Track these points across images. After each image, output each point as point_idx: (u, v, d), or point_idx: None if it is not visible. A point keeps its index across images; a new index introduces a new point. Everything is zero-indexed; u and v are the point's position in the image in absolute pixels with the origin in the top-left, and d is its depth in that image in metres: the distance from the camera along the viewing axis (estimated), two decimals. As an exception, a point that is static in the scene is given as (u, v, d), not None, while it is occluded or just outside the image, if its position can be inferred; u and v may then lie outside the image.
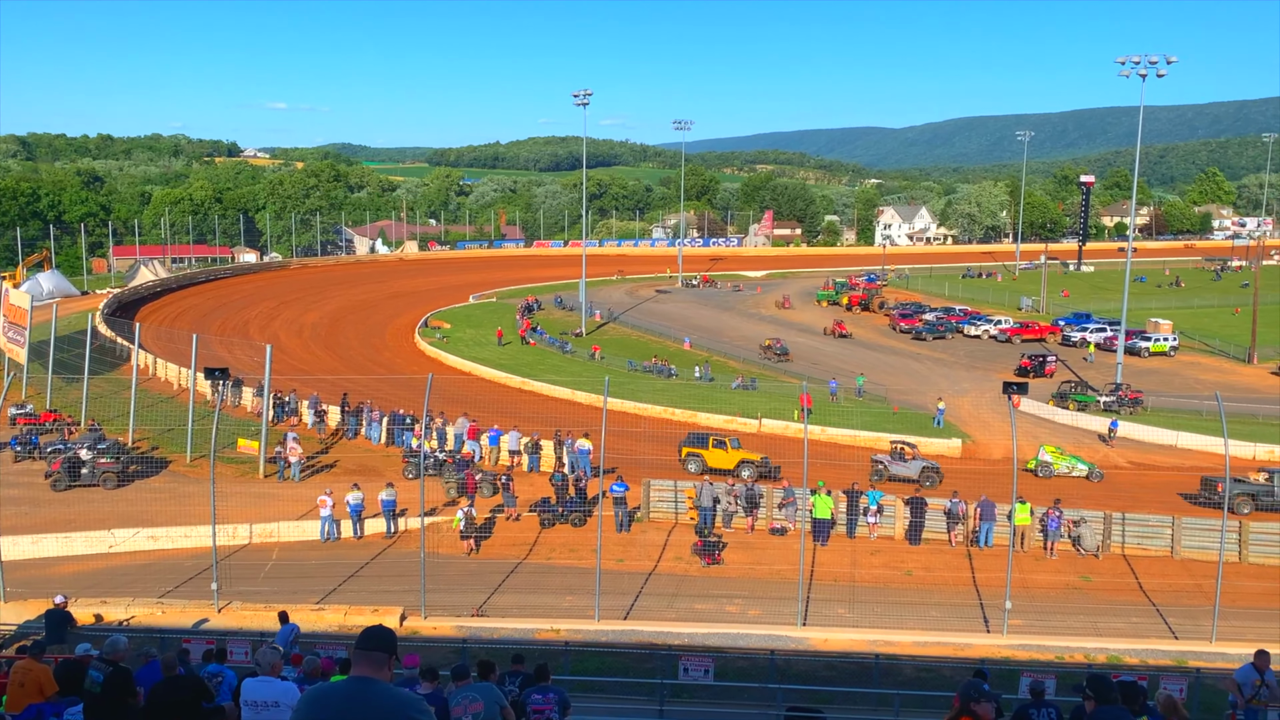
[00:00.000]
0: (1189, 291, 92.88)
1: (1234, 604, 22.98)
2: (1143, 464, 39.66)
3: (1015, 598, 21.89)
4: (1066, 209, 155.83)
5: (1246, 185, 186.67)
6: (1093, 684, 6.92)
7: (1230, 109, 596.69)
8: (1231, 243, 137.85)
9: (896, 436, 38.85)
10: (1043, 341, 66.87)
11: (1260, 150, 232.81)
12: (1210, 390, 44.76)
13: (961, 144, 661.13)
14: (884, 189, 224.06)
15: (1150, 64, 50.66)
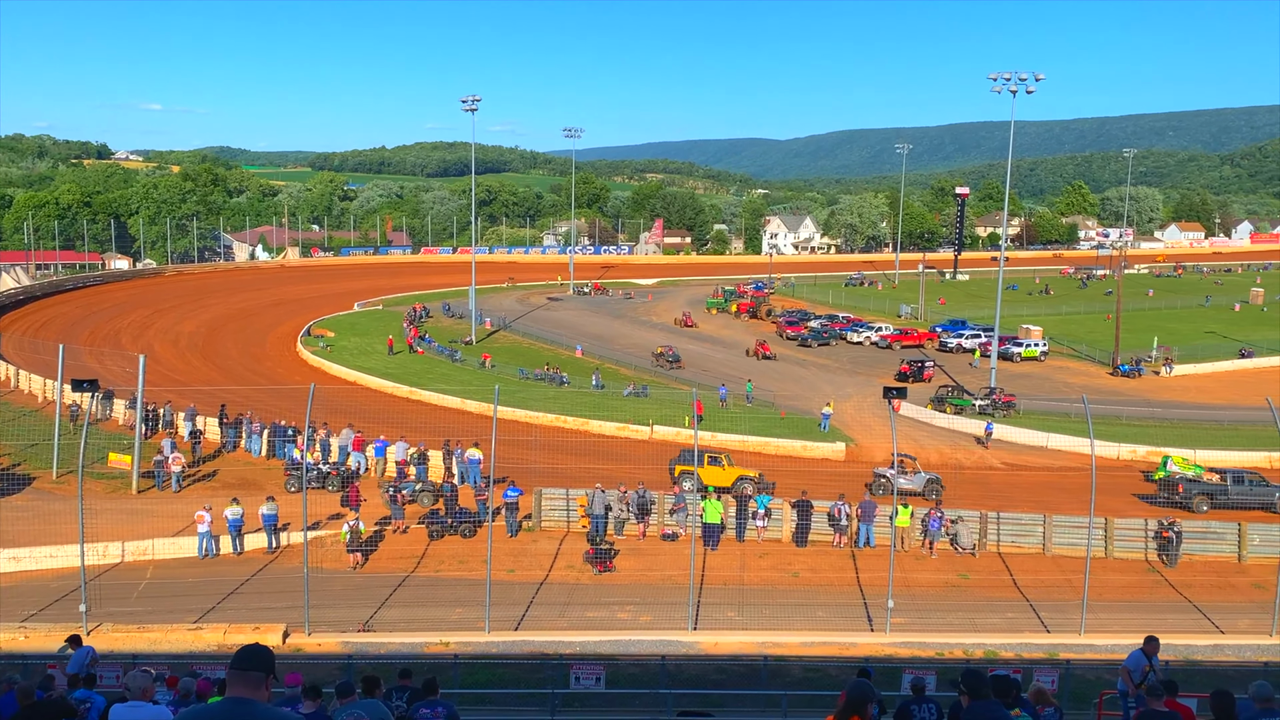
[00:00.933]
0: (1057, 299, 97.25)
1: (1101, 597, 24.13)
2: (1015, 464, 41.29)
3: (897, 596, 22.53)
4: (943, 219, 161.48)
5: (1109, 198, 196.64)
6: (967, 679, 7.17)
7: (1094, 125, 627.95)
8: (1096, 252, 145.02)
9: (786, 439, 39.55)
10: (921, 348, 69.10)
11: (1121, 164, 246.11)
12: (1078, 393, 47.01)
13: (844, 156, 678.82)
14: (770, 199, 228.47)
15: (1020, 80, 52.93)
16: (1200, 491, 33.85)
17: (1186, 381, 60.74)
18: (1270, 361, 65.33)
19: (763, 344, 63.97)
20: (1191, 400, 55.07)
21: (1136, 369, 61.38)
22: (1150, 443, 43.37)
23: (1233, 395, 55.67)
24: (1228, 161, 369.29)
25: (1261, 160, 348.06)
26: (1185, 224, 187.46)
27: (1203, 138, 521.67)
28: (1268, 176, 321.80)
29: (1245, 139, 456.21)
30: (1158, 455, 42.03)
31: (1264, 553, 27.65)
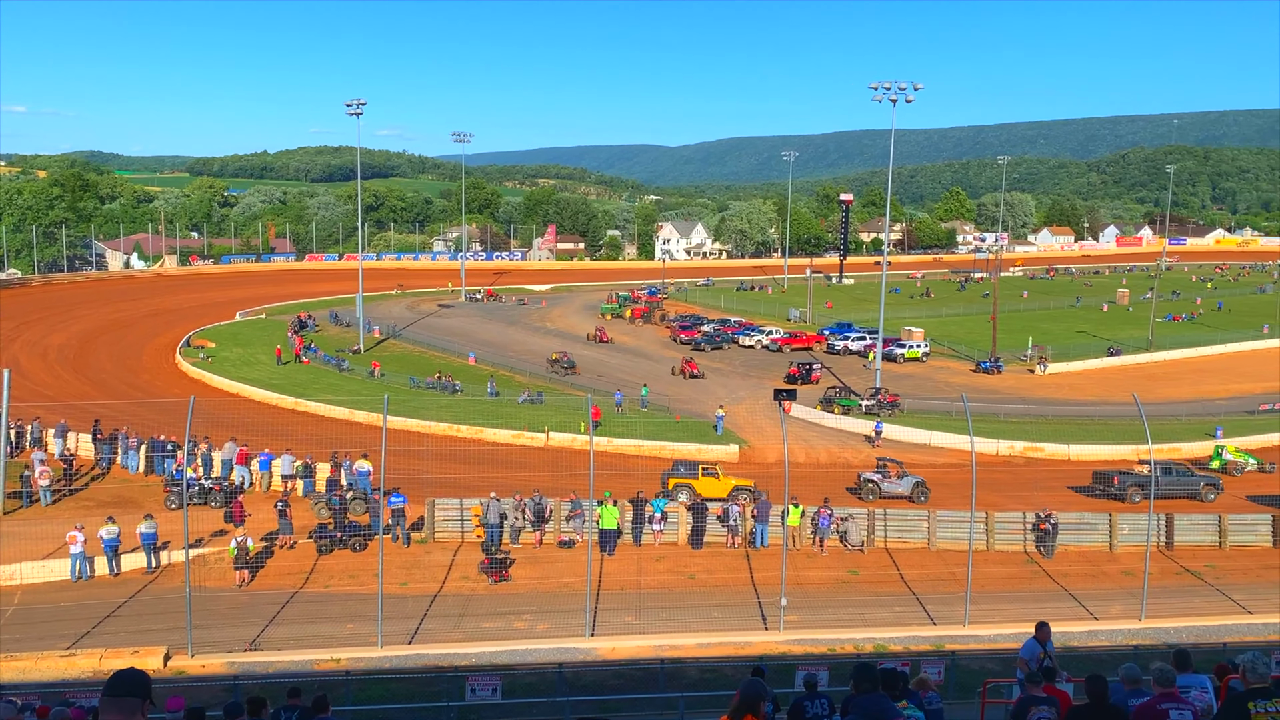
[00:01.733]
0: (938, 301, 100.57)
1: (983, 589, 25.00)
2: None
3: (790, 594, 22.92)
4: (829, 225, 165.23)
5: (985, 203, 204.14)
6: (856, 674, 7.35)
7: (970, 133, 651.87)
8: (974, 256, 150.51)
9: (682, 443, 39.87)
10: (810, 350, 70.60)
11: (996, 171, 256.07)
12: (958, 392, 48.69)
13: (733, 163, 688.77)
14: (662, 205, 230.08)
15: (900, 90, 54.60)
16: (1133, 483, 35.44)
17: (1060, 379, 63.54)
18: (1136, 359, 68.90)
19: (690, 362, 61.54)
20: (1065, 397, 57.64)
21: (996, 365, 64.01)
22: (1027, 439, 45.25)
23: (1102, 391, 58.51)
24: (1094, 168, 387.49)
25: (1125, 167, 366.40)
26: (1056, 228, 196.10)
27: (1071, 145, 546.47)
28: (1131, 183, 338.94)
29: (1110, 147, 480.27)
30: (1035, 450, 43.96)
31: (1133, 541, 29.10)
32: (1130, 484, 35.51)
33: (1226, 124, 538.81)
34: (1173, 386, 60.41)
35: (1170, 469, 36.65)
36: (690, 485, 33.09)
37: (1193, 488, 36.26)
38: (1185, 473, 37.05)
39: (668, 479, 33.65)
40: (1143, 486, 35.14)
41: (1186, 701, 7.87)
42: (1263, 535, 30.81)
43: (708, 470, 33.93)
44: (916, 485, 34.98)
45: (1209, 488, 36.35)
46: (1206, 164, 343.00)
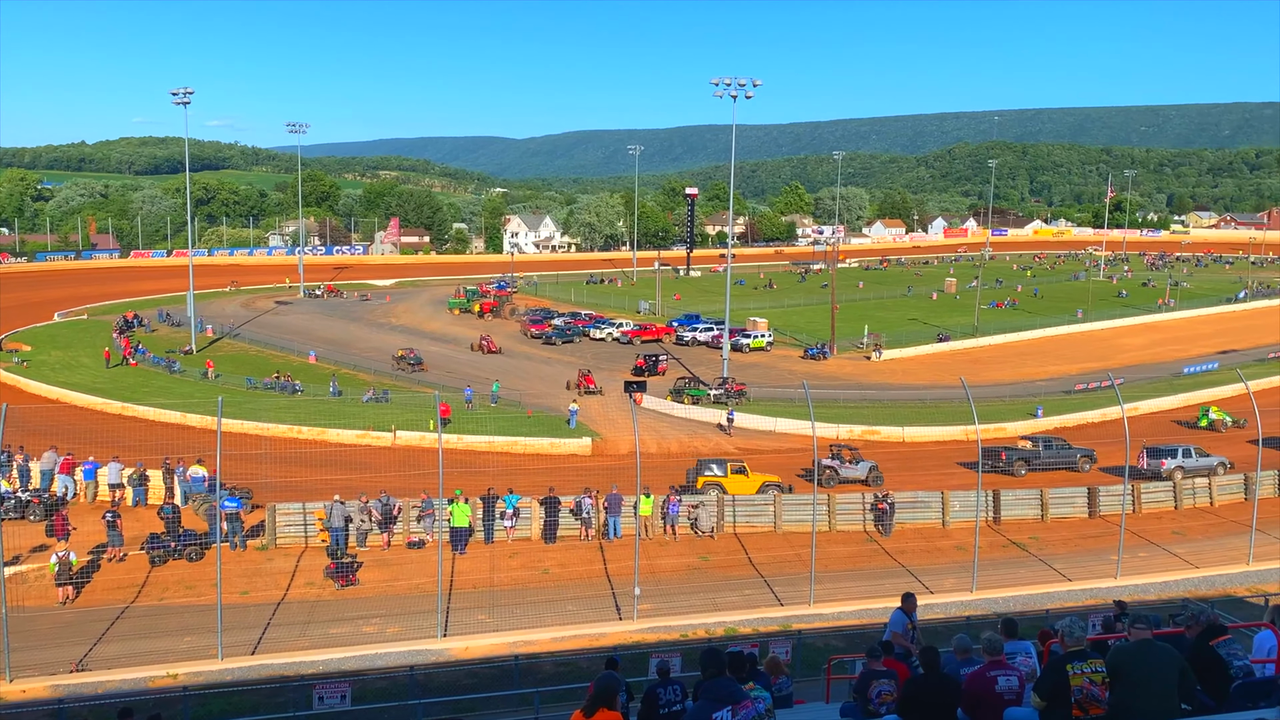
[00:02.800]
0: (780, 293, 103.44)
1: (827, 569, 25.96)
2: (749, 449, 43.52)
3: (643, 583, 23.19)
4: (675, 218, 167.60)
5: (822, 197, 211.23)
6: (702, 660, 7.49)
7: (808, 129, 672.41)
8: (813, 248, 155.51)
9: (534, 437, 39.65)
10: (660, 342, 71.48)
11: (832, 166, 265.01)
12: (801, 379, 50.22)
13: (580, 156, 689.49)
14: (510, 198, 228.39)
15: (740, 86, 55.76)
16: (1018, 458, 37.97)
17: (894, 365, 66.41)
18: (964, 344, 72.66)
19: (488, 340, 62.16)
20: (899, 382, 60.29)
21: (822, 351, 66.58)
22: (865, 422, 47.10)
23: (934, 376, 61.47)
24: (923, 163, 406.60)
25: (951, 162, 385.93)
26: (889, 221, 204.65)
27: (901, 141, 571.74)
28: (956, 177, 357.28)
29: (937, 143, 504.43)
30: (872, 434, 45.78)
31: (964, 517, 30.71)
32: (1016, 459, 38.07)
33: (1042, 121, 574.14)
34: (997, 369, 64.02)
35: (1050, 443, 39.57)
36: (720, 484, 32.91)
37: (1070, 460, 38.93)
38: (1064, 446, 39.79)
39: (696, 478, 33.42)
40: (1027, 460, 37.94)
41: (1013, 667, 8.37)
42: (1079, 507, 33.02)
43: (737, 468, 33.91)
44: (871, 470, 36.27)
45: (1084, 459, 39.02)
46: (1025, 159, 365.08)
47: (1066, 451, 39.29)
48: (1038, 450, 38.97)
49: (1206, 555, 28.10)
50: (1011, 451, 38.87)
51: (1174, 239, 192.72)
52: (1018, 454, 38.66)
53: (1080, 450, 39.52)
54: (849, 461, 36.38)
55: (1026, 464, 37.97)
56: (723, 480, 33.14)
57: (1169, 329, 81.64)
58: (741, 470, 33.81)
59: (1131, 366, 63.42)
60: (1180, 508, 33.73)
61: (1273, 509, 31.73)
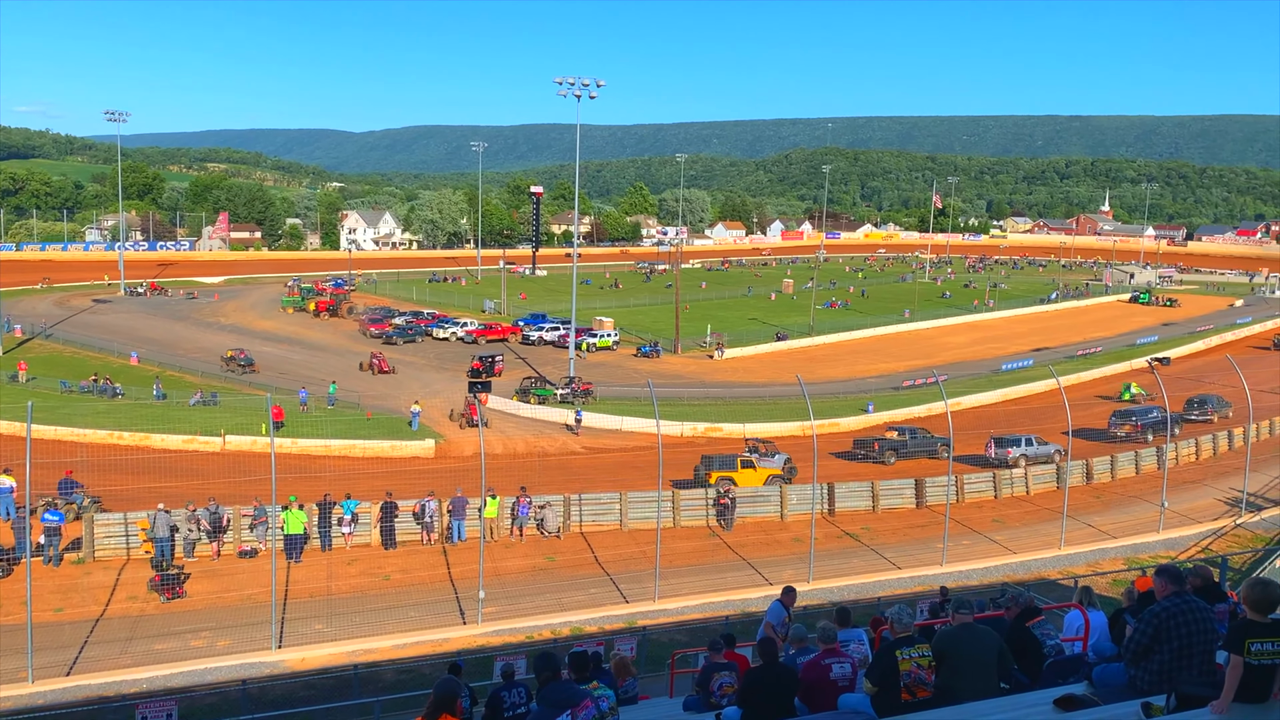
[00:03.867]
0: (626, 292, 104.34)
1: (672, 564, 26.30)
2: (595, 448, 43.71)
3: (488, 586, 22.94)
4: (521, 217, 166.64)
5: (666, 199, 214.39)
6: (538, 662, 7.44)
7: (651, 131, 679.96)
8: (657, 249, 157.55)
9: (374, 440, 38.62)
10: (505, 341, 70.87)
11: (675, 168, 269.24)
12: (646, 378, 50.78)
13: (421, 151, 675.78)
14: (347, 193, 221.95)
15: (584, 86, 55.89)
16: (889, 447, 40.79)
17: (736, 363, 67.91)
18: (801, 343, 75.01)
19: (379, 358, 57.60)
20: (740, 380, 61.70)
21: (654, 350, 67.68)
22: (708, 420, 47.98)
23: (773, 374, 63.16)
24: (762, 167, 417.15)
25: (788, 167, 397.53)
26: (730, 223, 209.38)
27: (741, 145, 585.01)
28: (793, 181, 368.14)
29: (774, 147, 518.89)
30: (715, 430, 46.68)
31: (800, 510, 31.71)
32: (887, 448, 40.87)
33: (873, 129, 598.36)
34: (832, 367, 66.39)
35: (915, 433, 42.37)
36: (731, 478, 34.24)
37: (931, 448, 41.45)
38: (927, 436, 42.51)
39: (707, 474, 34.67)
40: (896, 449, 40.77)
41: (846, 655, 8.65)
42: (908, 498, 34.63)
43: (745, 461, 35.36)
44: (786, 462, 37.02)
45: (943, 447, 40.89)
46: (857, 165, 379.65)
47: (928, 440, 41.97)
48: (905, 440, 41.54)
49: (1023, 541, 29.93)
50: (883, 442, 41.49)
51: (993, 243, 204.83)
52: (888, 444, 41.35)
53: (940, 439, 41.85)
54: (764, 454, 37.62)
55: (895, 453, 40.71)
56: (733, 474, 34.79)
57: (988, 328, 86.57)
58: (750, 464, 35.52)
59: (955, 364, 66.87)
60: (999, 497, 35.82)
61: (1080, 496, 34.14)
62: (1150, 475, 37.54)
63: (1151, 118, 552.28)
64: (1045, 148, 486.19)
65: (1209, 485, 36.13)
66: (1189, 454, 41.37)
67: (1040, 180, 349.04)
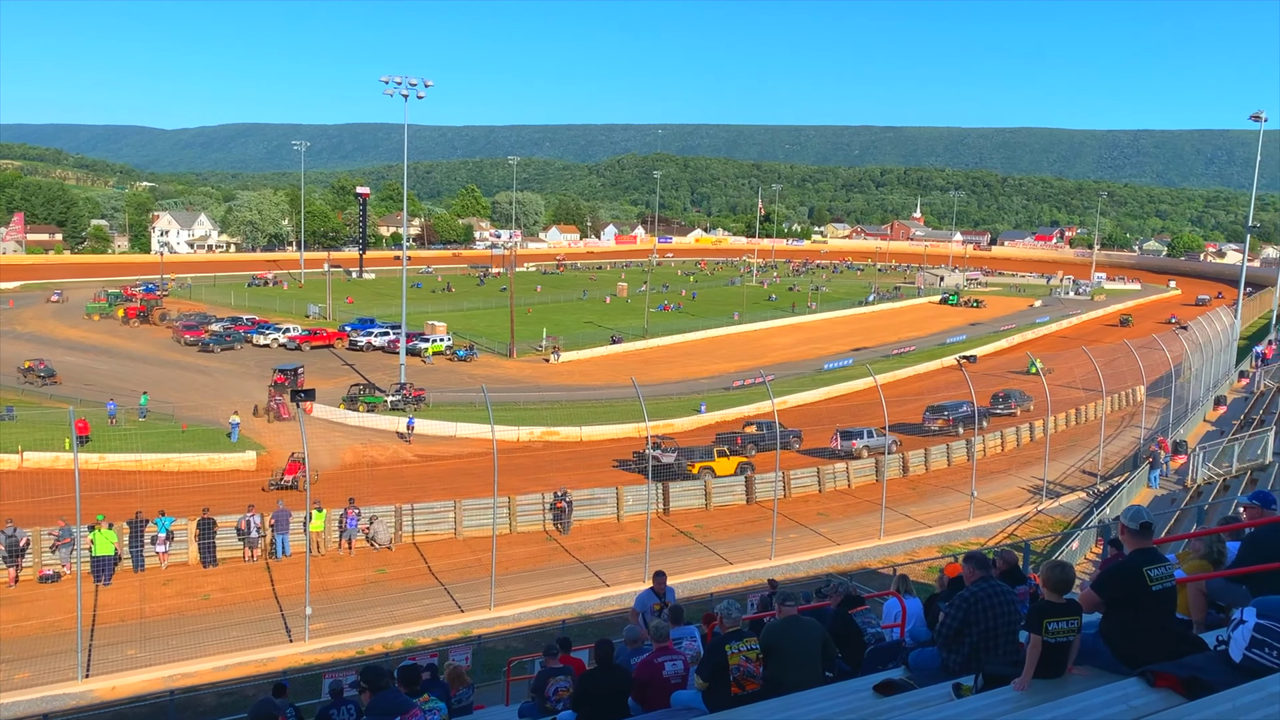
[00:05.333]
0: (458, 295, 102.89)
1: (508, 570, 26.08)
2: (428, 455, 42.86)
3: (316, 602, 22.15)
4: (346, 218, 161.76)
5: (499, 201, 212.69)
6: (364, 676, 7.25)
7: (483, 133, 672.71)
8: (490, 251, 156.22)
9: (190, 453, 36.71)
10: (332, 347, 68.68)
11: (508, 170, 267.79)
12: (480, 383, 50.15)
13: (239, 150, 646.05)
14: (158, 193, 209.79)
15: (411, 86, 54.78)
16: (749, 441, 41.94)
17: (572, 366, 68.04)
18: (636, 345, 75.85)
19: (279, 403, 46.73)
20: (577, 383, 61.83)
21: (471, 353, 67.12)
22: (544, 424, 47.87)
23: (608, 376, 63.60)
24: (594, 172, 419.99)
25: (620, 171, 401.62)
26: (564, 226, 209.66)
27: (574, 149, 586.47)
28: (626, 185, 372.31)
29: (607, 152, 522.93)
30: (552, 434, 46.65)
31: (636, 510, 32.05)
32: (748, 442, 41.96)
33: (701, 136, 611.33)
34: (666, 369, 67.43)
35: (771, 426, 42.48)
36: (711, 468, 37.03)
37: (785, 441, 42.25)
38: (781, 430, 42.75)
39: (687, 464, 37.58)
40: (756, 443, 41.79)
41: (679, 652, 8.79)
42: (739, 495, 35.54)
43: (721, 451, 38.18)
44: (679, 454, 38.72)
45: (794, 439, 43.56)
46: (686, 171, 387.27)
47: (783, 434, 43.02)
48: (762, 434, 42.61)
49: (846, 533, 31.21)
50: (745, 436, 42.73)
51: (815, 248, 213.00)
52: (749, 438, 42.54)
53: (791, 432, 43.71)
54: (667, 450, 38.88)
55: (755, 446, 41.76)
56: (712, 465, 37.56)
57: (812, 329, 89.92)
58: (725, 454, 38.40)
59: (781, 364, 69.08)
60: (824, 491, 37.23)
61: (898, 488, 35.91)
62: (961, 466, 39.84)
63: (958, 129, 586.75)
64: (862, 157, 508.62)
65: (1013, 474, 38.62)
66: (995, 446, 44.12)
67: (857, 188, 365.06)
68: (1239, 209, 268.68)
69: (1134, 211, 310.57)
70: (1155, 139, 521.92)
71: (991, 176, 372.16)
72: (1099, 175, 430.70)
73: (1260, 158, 60.16)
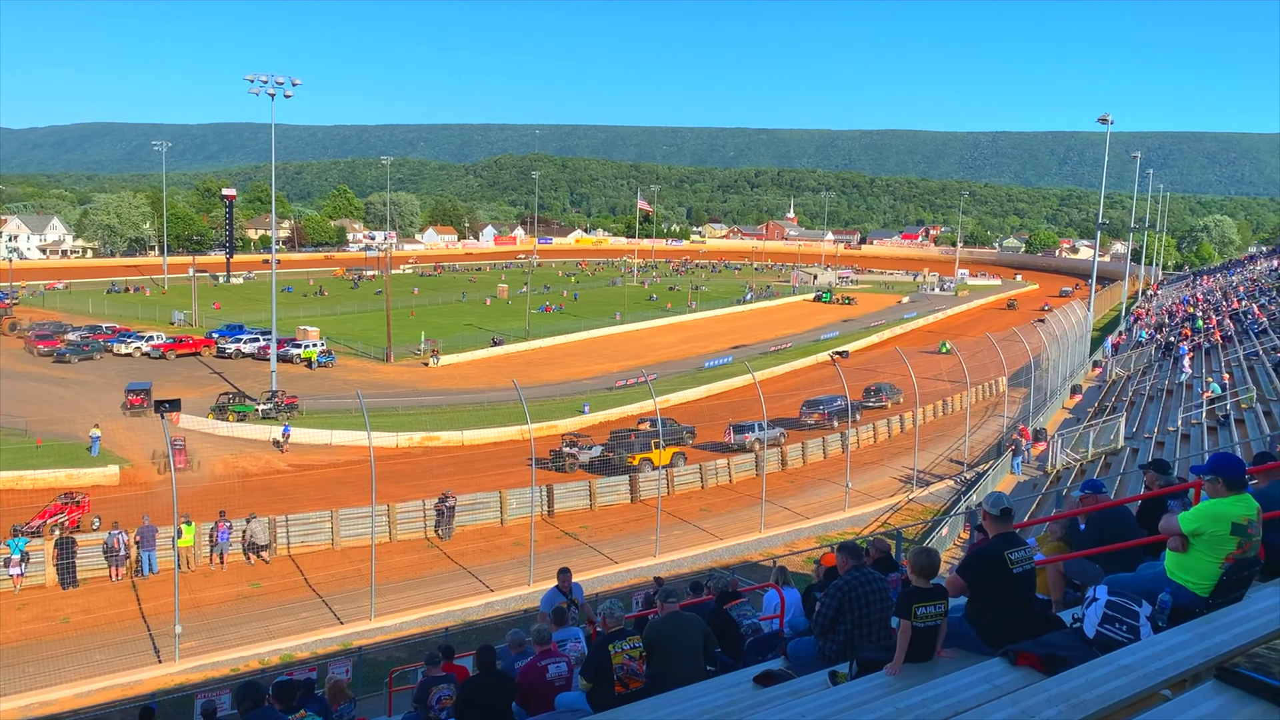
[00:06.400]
0: (332, 299, 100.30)
1: (389, 580, 25.60)
2: (302, 464, 41.66)
3: (187, 620, 21.31)
4: (212, 221, 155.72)
5: (373, 202, 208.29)
6: (236, 694, 7.02)
7: (355, 132, 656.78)
8: (365, 254, 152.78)
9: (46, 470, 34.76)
10: (199, 355, 66.09)
11: (381, 171, 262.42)
12: (356, 389, 49.01)
13: (95, 150, 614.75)
14: (6, 196, 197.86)
15: (278, 84, 53.04)
16: (648, 438, 40.83)
17: (452, 370, 67.12)
18: (517, 347, 75.36)
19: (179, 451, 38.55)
20: (457, 386, 61.04)
21: (329, 358, 65.29)
22: (424, 429, 47.15)
23: (490, 379, 63.00)
24: (472, 172, 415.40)
25: (498, 172, 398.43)
26: (441, 227, 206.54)
27: (450, 150, 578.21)
28: (504, 186, 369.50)
29: (484, 152, 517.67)
30: (432, 440, 45.98)
31: (520, 514, 31.87)
32: (649, 438, 41.37)
33: (579, 136, 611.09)
34: (548, 370, 67.20)
35: (666, 423, 42.96)
36: (650, 458, 37.42)
37: (679, 436, 43.32)
38: (675, 425, 44.25)
39: (628, 455, 37.92)
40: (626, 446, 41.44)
41: (563, 655, 8.79)
42: (623, 494, 35.72)
43: (658, 443, 37.58)
44: (603, 452, 38.88)
45: (688, 434, 43.87)
46: (565, 171, 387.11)
47: (676, 429, 43.64)
48: (657, 430, 42.35)
49: (727, 527, 31.71)
50: (639, 434, 42.34)
51: (694, 247, 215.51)
52: (644, 435, 42.12)
53: (685, 427, 44.14)
54: (583, 447, 39.22)
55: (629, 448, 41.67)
56: (650, 456, 38.05)
57: (692, 328, 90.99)
58: (659, 445, 37.99)
59: (663, 363, 69.69)
60: (706, 487, 37.75)
61: (777, 482, 36.70)
62: (836, 459, 40.94)
63: (828, 131, 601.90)
64: (737, 158, 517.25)
65: (886, 465, 39.92)
66: (869, 437, 45.52)
67: (733, 189, 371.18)
68: (1090, 207, 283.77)
69: (994, 210, 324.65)
70: (1013, 140, 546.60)
71: (860, 177, 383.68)
72: (961, 175, 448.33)
73: (1108, 158, 63.59)
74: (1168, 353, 49.19)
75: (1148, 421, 35.05)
